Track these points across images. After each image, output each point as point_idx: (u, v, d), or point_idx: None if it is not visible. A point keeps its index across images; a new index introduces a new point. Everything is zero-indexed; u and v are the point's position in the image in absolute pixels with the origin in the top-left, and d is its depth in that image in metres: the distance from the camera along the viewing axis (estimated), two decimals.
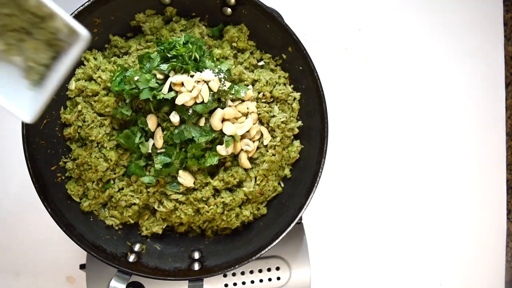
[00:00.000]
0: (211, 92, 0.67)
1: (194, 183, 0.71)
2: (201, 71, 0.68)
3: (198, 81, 0.67)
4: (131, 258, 0.71)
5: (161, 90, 0.67)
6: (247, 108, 0.72)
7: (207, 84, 0.67)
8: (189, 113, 0.67)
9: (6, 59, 0.56)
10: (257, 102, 0.73)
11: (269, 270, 0.77)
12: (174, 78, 0.66)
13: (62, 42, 0.56)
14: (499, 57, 1.00)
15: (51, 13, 0.53)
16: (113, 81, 0.68)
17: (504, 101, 1.00)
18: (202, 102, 0.67)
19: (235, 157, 0.74)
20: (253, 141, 0.73)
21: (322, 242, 0.96)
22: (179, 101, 0.66)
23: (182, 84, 0.66)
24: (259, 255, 0.69)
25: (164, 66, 0.67)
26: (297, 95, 0.75)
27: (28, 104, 0.56)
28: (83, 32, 0.53)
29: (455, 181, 1.00)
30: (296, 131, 0.76)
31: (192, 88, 0.66)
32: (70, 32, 0.54)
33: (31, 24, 0.54)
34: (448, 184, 0.99)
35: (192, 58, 0.68)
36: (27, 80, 0.57)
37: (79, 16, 0.66)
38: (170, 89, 0.67)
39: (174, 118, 0.67)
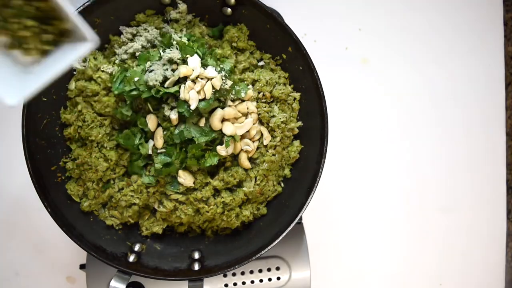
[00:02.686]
0: (213, 90, 0.67)
1: (194, 183, 0.71)
2: (204, 68, 0.68)
3: (202, 78, 0.67)
4: (131, 258, 0.71)
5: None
6: (247, 108, 0.72)
7: (210, 81, 0.67)
8: (190, 110, 0.67)
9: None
10: (257, 102, 0.73)
11: (269, 270, 0.77)
12: (182, 69, 0.67)
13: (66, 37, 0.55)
14: (499, 57, 1.00)
15: (61, 13, 0.52)
16: (113, 82, 0.68)
17: (504, 101, 1.00)
18: (204, 99, 0.67)
19: (235, 157, 0.74)
20: (253, 141, 0.73)
21: (322, 242, 0.96)
22: (184, 95, 0.66)
23: (185, 79, 0.67)
24: (259, 255, 0.69)
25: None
26: (297, 95, 0.75)
27: (17, 88, 0.53)
28: (91, 37, 0.53)
29: (455, 181, 0.99)
30: (296, 131, 0.76)
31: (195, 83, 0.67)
32: (77, 32, 0.54)
33: (39, 18, 0.53)
34: (448, 184, 0.99)
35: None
36: (20, 65, 0.55)
37: (80, 16, 0.66)
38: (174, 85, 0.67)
39: (173, 115, 0.67)
